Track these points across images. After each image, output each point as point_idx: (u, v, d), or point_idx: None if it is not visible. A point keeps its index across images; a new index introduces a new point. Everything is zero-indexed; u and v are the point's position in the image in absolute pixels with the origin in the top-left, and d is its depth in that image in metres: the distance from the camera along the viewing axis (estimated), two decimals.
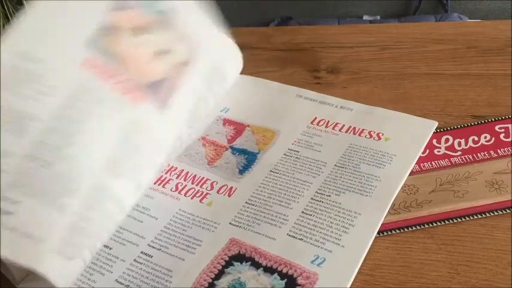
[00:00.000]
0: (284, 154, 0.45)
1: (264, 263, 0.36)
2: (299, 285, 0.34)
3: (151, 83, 0.41)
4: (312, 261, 0.35)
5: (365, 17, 1.13)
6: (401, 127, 0.46)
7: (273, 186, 0.42)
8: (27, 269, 0.32)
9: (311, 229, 0.38)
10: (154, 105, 0.40)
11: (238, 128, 0.48)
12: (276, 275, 0.35)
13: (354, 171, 0.42)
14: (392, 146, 0.44)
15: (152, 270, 0.36)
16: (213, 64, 0.47)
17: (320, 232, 0.37)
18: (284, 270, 0.35)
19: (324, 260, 0.35)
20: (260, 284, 0.34)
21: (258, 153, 0.45)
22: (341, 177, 0.42)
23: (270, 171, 0.43)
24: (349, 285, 0.34)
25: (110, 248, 0.38)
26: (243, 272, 0.35)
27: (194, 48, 0.44)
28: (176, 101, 0.42)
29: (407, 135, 0.45)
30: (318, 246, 0.36)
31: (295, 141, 0.46)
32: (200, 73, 0.45)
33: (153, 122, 0.40)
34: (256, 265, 0.36)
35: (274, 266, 0.35)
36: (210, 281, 0.35)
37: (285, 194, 0.41)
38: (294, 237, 0.37)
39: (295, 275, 0.35)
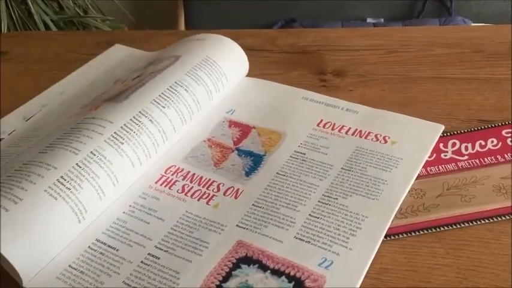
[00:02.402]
0: (290, 156, 0.45)
1: (271, 266, 0.36)
2: (307, 287, 0.34)
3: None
4: (320, 264, 0.35)
5: (369, 20, 1.13)
6: (407, 130, 0.46)
7: (280, 189, 0.42)
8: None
9: (318, 232, 0.38)
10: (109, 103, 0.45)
11: (244, 129, 0.48)
12: (283, 277, 0.35)
13: (361, 175, 0.42)
14: (398, 150, 0.44)
15: (159, 272, 0.36)
16: (201, 58, 0.50)
17: (327, 235, 0.37)
18: (292, 273, 0.35)
19: (332, 262, 0.35)
20: (268, 286, 0.34)
21: (264, 155, 0.45)
22: (348, 180, 0.42)
23: (277, 173, 0.43)
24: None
25: (117, 250, 0.38)
26: (250, 274, 0.35)
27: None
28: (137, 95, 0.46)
29: (414, 139, 0.45)
30: (326, 249, 0.36)
31: (301, 143, 0.46)
32: (181, 68, 0.49)
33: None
34: (263, 268, 0.36)
35: (282, 269, 0.35)
36: (218, 283, 0.35)
37: (291, 197, 0.41)
38: (301, 239, 0.37)
39: (302, 278, 0.35)
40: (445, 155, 0.44)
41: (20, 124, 0.51)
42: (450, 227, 0.38)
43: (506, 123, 0.46)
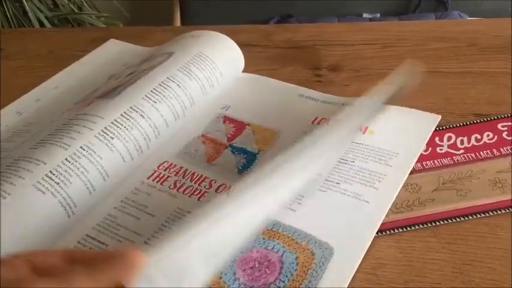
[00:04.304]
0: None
1: None
2: None
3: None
4: None
5: (365, 15, 1.13)
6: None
7: None
8: None
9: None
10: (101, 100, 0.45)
11: (239, 126, 0.48)
12: None
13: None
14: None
15: None
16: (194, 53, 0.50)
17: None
18: None
19: None
20: None
21: (257, 153, 0.45)
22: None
23: None
24: (346, 286, 0.33)
25: (106, 245, 0.37)
26: None
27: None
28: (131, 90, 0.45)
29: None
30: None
31: (295, 141, 0.45)
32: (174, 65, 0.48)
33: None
34: None
35: None
36: None
37: None
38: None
39: None
40: (441, 149, 0.43)
41: (13, 119, 0.51)
42: (446, 222, 0.37)
43: (502, 117, 0.46)
